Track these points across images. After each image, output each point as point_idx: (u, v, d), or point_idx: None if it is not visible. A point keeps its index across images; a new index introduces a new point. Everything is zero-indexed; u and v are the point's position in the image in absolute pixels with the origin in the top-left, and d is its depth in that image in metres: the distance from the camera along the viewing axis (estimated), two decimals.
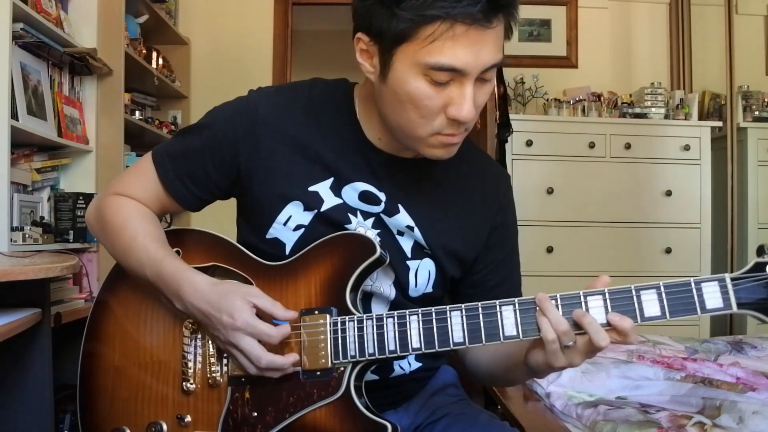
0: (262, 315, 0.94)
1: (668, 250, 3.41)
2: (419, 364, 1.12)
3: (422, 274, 1.06)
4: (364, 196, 1.03)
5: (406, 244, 1.05)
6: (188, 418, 0.99)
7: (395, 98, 0.91)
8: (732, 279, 0.84)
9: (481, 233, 1.08)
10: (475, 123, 0.96)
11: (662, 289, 0.86)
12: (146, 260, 1.00)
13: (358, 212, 1.04)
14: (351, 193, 1.03)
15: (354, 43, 0.93)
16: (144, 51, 3.17)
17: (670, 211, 3.43)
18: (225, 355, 0.99)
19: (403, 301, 1.05)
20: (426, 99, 0.89)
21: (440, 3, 0.82)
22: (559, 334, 0.85)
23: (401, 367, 1.10)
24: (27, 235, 2.06)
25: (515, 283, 1.13)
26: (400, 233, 1.05)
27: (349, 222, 1.03)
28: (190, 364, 1.00)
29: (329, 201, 1.03)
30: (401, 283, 1.05)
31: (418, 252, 1.05)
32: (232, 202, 1.12)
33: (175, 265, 0.98)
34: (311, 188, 1.03)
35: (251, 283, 1.01)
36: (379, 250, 0.97)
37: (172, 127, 3.54)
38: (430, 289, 1.07)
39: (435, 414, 1.10)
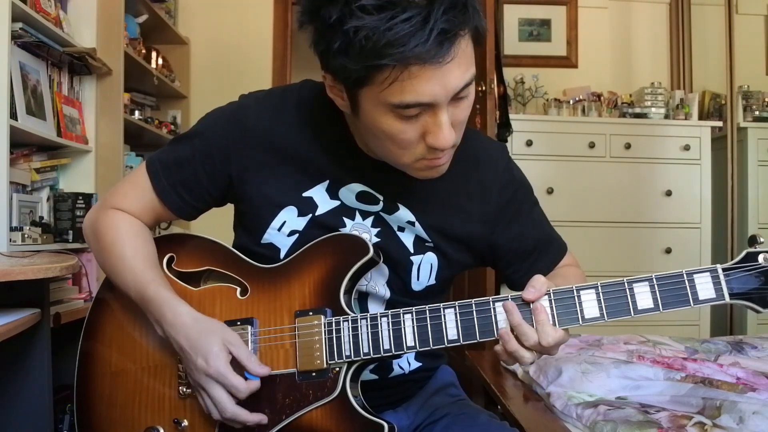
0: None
1: (668, 250, 3.41)
2: (419, 364, 1.12)
3: (425, 267, 1.06)
4: (362, 196, 1.03)
5: (408, 240, 1.04)
6: (185, 423, 0.99)
7: (371, 133, 0.90)
8: (723, 269, 0.85)
9: (484, 215, 1.06)
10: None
11: (654, 281, 0.86)
12: (131, 283, 1.00)
13: (357, 212, 1.03)
14: (348, 194, 1.03)
15: (322, 78, 0.91)
16: (143, 51, 3.17)
17: (670, 211, 3.43)
18: None
19: (399, 299, 1.05)
20: (401, 134, 0.86)
21: (388, 50, 0.77)
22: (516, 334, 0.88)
23: (400, 367, 1.10)
24: (26, 235, 2.06)
25: (549, 238, 1.12)
26: (401, 229, 1.04)
27: (344, 226, 1.03)
28: None
29: (324, 205, 1.02)
30: (403, 278, 1.05)
31: (420, 246, 1.05)
32: (229, 207, 1.11)
33: (159, 291, 0.98)
34: (305, 194, 1.02)
35: (246, 287, 1.01)
36: (371, 250, 0.96)
37: (172, 126, 3.54)
38: (433, 281, 1.07)
39: (434, 414, 1.10)
